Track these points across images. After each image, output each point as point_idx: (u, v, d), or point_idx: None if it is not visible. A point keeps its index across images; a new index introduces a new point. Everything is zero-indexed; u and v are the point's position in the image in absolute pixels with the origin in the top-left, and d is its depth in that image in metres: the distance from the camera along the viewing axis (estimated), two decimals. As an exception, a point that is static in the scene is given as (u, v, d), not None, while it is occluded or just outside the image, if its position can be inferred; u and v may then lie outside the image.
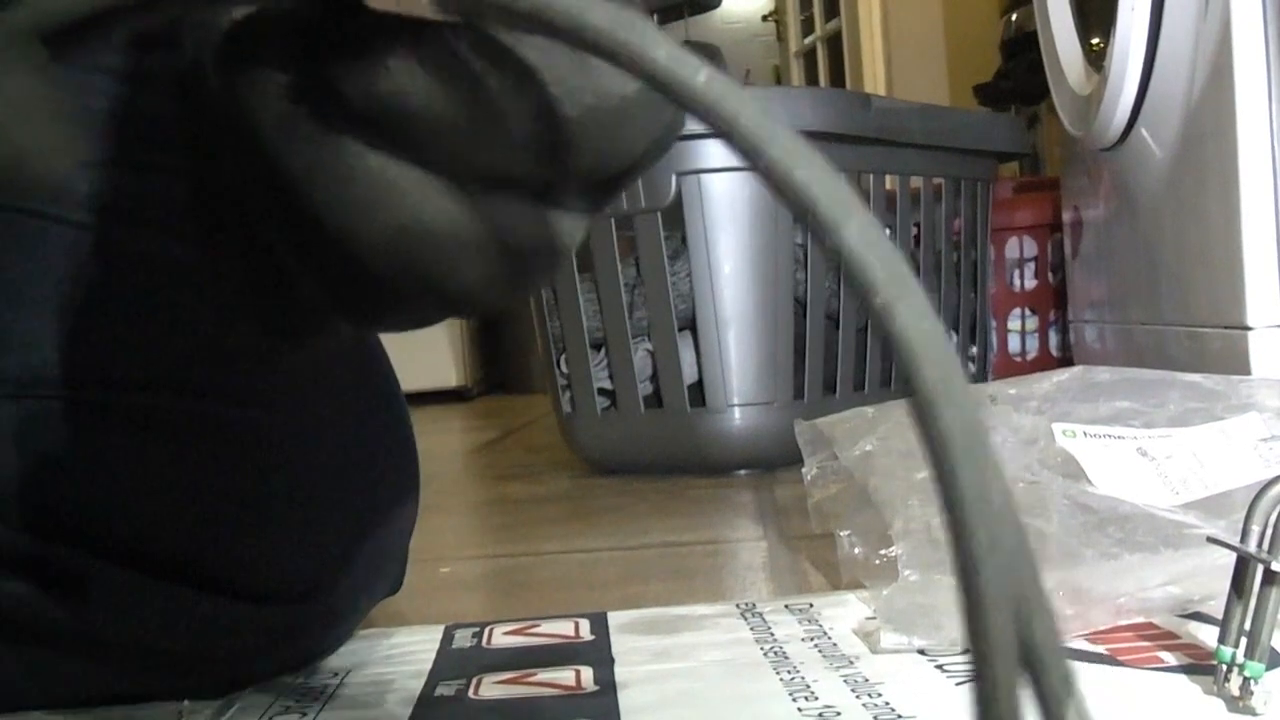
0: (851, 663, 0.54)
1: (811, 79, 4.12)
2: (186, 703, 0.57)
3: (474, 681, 0.56)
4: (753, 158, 0.19)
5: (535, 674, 0.57)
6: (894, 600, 0.56)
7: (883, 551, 0.64)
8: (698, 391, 1.36)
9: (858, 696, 0.50)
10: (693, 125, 0.92)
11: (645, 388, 1.39)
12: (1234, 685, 0.45)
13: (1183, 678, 0.50)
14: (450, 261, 0.27)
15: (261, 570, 0.55)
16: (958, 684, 0.51)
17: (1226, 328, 1.24)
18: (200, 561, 0.54)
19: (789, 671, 0.54)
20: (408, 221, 0.26)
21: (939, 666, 0.53)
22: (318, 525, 0.56)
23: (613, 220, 1.35)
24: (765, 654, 0.57)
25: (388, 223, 0.26)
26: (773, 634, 0.61)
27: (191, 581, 0.53)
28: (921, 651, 0.55)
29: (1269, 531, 0.47)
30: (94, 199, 0.54)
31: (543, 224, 0.28)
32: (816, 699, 0.50)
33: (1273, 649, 0.46)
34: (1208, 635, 0.53)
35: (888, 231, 0.18)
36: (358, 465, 0.59)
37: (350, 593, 0.61)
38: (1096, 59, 1.50)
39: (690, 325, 1.36)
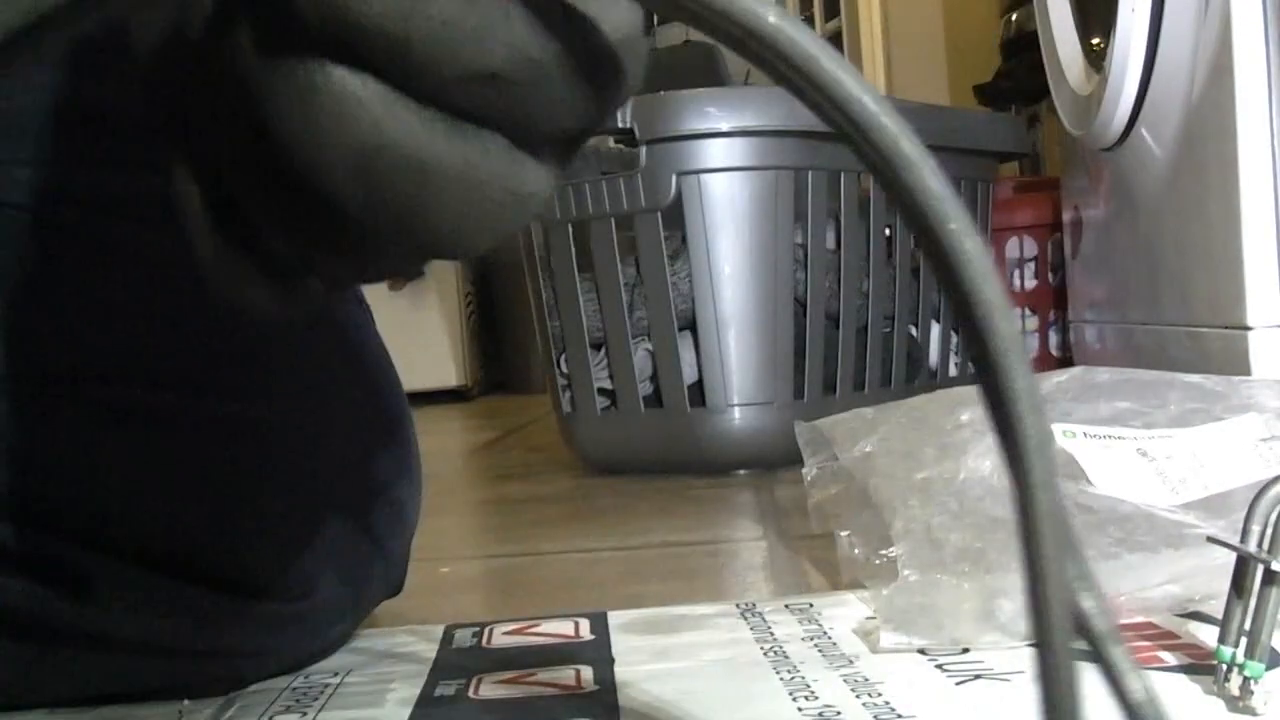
0: (851, 662, 0.54)
1: (811, 79, 4.12)
2: (186, 703, 0.57)
3: (474, 681, 0.56)
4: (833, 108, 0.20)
5: (535, 674, 0.57)
6: (894, 600, 0.56)
7: (883, 552, 0.64)
8: (698, 391, 1.36)
9: (858, 696, 0.50)
10: (693, 125, 0.93)
11: (645, 388, 1.39)
12: (1234, 685, 0.45)
13: (1183, 677, 0.50)
14: (418, 192, 0.25)
15: (261, 566, 0.55)
16: (958, 683, 0.51)
17: (1226, 328, 1.24)
18: (200, 557, 0.54)
19: (789, 671, 0.54)
20: (370, 140, 0.25)
21: (939, 666, 0.53)
22: (318, 522, 0.56)
23: (612, 220, 1.35)
24: (765, 653, 0.57)
25: (350, 143, 0.25)
26: (773, 634, 0.61)
27: (192, 577, 0.53)
28: (922, 651, 0.55)
29: (1269, 531, 0.46)
30: (87, 196, 0.54)
31: (515, 167, 0.26)
32: (817, 698, 0.50)
33: (1273, 649, 0.46)
34: (1208, 635, 0.53)
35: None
36: (358, 463, 0.59)
37: (350, 591, 0.61)
38: (1096, 59, 1.50)
39: (690, 325, 1.36)
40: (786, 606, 0.66)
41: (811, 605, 0.66)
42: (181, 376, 0.54)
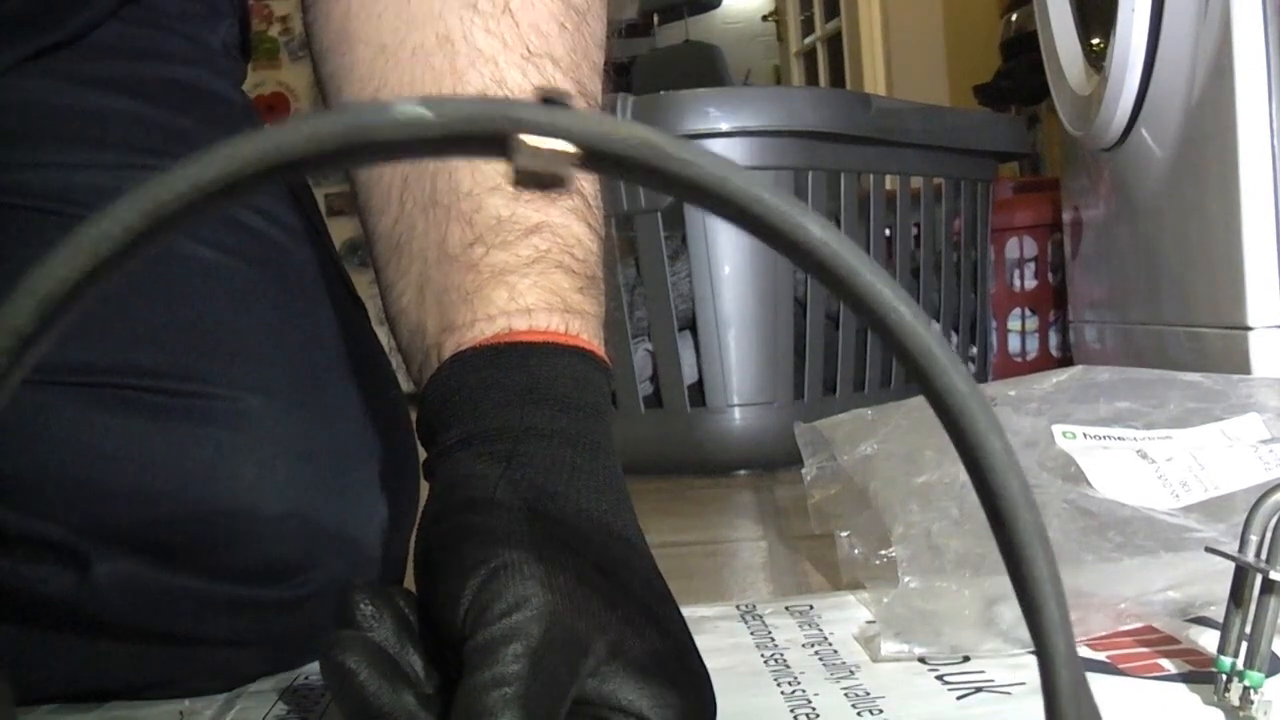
0: (853, 673, 0.54)
1: (811, 79, 4.12)
2: (187, 703, 0.57)
3: (474, 686, 0.56)
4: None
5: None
6: (894, 607, 0.56)
7: (882, 552, 0.64)
8: (698, 391, 1.36)
9: (859, 715, 0.49)
10: (694, 125, 0.93)
11: (645, 388, 1.39)
12: (1234, 695, 0.45)
13: (1182, 687, 0.50)
14: None
15: (258, 555, 0.55)
16: (959, 697, 0.50)
17: (1226, 328, 1.24)
18: (198, 545, 0.54)
19: (789, 683, 0.54)
20: None
21: (940, 677, 0.53)
22: (315, 514, 0.56)
23: (613, 220, 1.34)
24: (766, 662, 0.57)
25: None
26: (773, 639, 0.60)
27: (190, 564, 0.54)
28: (922, 660, 0.55)
29: (1267, 540, 0.46)
30: (92, 199, 0.54)
31: None
32: (819, 716, 0.50)
33: (1274, 654, 0.46)
34: (1208, 640, 0.52)
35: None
36: (355, 459, 0.59)
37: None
38: (1096, 59, 1.50)
39: (690, 325, 1.36)
40: (787, 609, 0.66)
41: (812, 608, 0.66)
42: (183, 368, 0.55)
